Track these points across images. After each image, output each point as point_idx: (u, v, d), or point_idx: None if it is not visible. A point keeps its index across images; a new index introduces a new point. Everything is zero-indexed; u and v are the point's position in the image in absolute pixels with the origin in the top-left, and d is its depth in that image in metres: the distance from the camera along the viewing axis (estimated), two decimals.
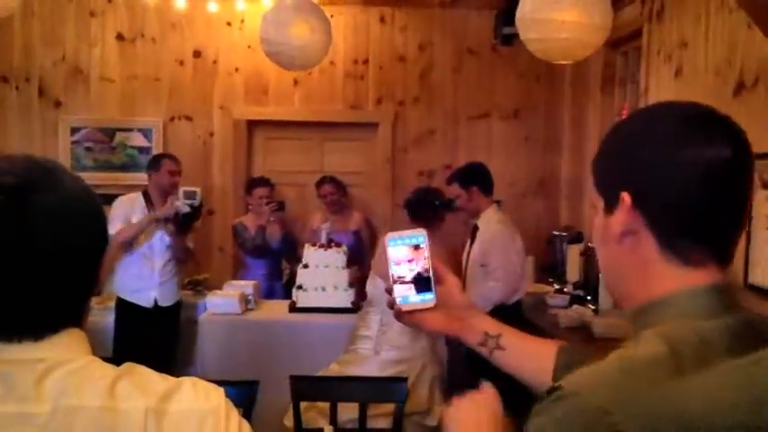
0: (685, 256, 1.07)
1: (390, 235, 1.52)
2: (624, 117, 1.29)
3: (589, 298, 5.11)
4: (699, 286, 1.06)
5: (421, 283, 1.52)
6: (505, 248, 4.49)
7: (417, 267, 1.51)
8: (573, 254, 5.62)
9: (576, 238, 5.91)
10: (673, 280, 1.07)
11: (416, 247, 1.51)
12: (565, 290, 5.53)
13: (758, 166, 3.44)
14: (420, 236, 1.52)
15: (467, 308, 1.57)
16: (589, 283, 5.23)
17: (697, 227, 1.07)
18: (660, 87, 4.85)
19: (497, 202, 4.81)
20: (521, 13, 4.30)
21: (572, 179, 6.60)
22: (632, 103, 5.53)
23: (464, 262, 4.76)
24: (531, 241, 6.35)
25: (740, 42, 3.74)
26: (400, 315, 1.53)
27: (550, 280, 5.95)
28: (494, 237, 4.52)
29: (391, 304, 1.52)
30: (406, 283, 1.52)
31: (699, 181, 1.05)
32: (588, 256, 5.31)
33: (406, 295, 1.52)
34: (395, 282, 1.52)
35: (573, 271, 5.58)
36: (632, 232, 1.09)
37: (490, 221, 4.62)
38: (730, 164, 1.05)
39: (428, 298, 1.52)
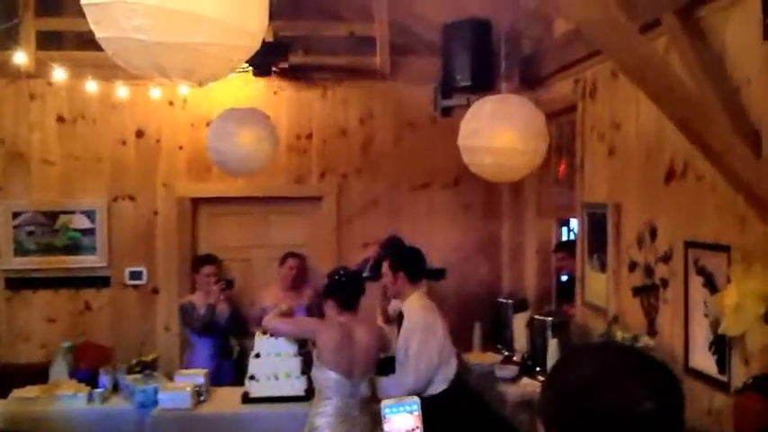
0: None
1: (386, 402, 1.52)
2: (568, 354, 1.33)
3: (538, 369, 5.21)
4: None
5: None
6: (424, 337, 4.55)
7: None
8: (519, 323, 5.70)
9: (521, 305, 6.03)
10: None
11: (411, 415, 1.51)
12: (514, 358, 5.60)
13: (692, 253, 3.58)
14: (414, 403, 1.53)
15: None
16: (537, 353, 5.32)
17: None
18: (596, 163, 4.94)
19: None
20: (459, 137, 4.71)
21: (512, 244, 6.78)
22: (570, 173, 5.67)
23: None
24: (477, 307, 6.50)
25: (669, 130, 3.73)
26: None
27: (498, 346, 6.02)
28: (414, 325, 4.59)
29: None
30: None
31: None
32: (534, 327, 5.41)
33: None
34: None
35: (520, 340, 5.65)
36: None
37: (413, 307, 4.69)
38: (649, 420, 1.08)
39: None
